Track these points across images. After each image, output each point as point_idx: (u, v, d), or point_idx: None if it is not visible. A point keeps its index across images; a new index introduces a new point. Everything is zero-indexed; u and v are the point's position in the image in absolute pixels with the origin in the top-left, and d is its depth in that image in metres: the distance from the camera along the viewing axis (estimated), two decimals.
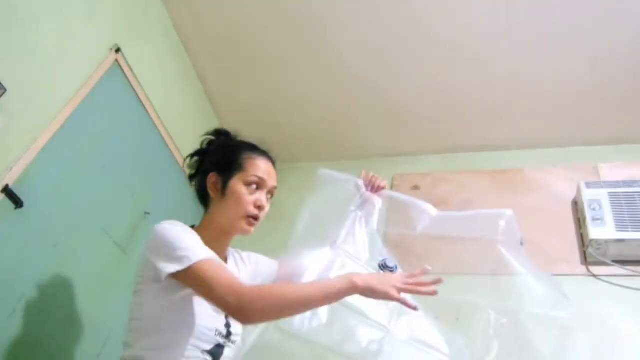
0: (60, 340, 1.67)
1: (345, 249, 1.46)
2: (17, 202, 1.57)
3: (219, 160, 1.37)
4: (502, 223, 1.37)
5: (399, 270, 1.42)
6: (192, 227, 1.34)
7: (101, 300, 1.82)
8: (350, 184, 1.56)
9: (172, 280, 1.18)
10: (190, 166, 1.44)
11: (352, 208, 1.54)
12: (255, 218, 1.33)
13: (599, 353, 1.78)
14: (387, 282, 1.17)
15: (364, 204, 1.55)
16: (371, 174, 1.59)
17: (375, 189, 1.56)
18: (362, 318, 1.34)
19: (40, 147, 1.67)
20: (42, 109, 1.71)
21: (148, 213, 2.09)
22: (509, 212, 1.39)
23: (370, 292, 1.16)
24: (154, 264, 1.18)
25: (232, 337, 1.30)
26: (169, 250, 1.18)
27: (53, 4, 1.78)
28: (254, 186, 1.33)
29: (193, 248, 1.18)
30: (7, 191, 1.54)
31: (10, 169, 1.57)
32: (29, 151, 1.63)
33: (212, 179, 1.35)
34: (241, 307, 1.10)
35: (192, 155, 1.44)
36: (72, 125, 1.79)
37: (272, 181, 1.37)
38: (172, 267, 1.15)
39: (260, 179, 1.33)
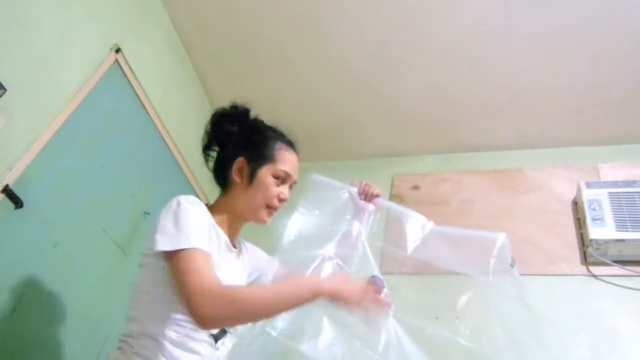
0: (60, 340, 1.66)
1: (337, 257, 1.45)
2: (17, 202, 1.57)
3: (249, 146, 1.35)
4: (497, 246, 1.35)
5: (385, 290, 1.41)
6: (207, 204, 1.31)
7: (101, 300, 1.82)
8: (344, 192, 1.54)
9: (161, 258, 1.14)
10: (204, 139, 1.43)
11: (348, 217, 1.52)
12: (275, 209, 1.34)
13: (599, 353, 1.79)
14: (354, 294, 1.21)
15: (357, 212, 1.54)
16: (364, 182, 1.56)
17: (369, 197, 1.54)
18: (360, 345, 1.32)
19: (40, 147, 1.67)
20: (42, 109, 1.71)
21: (148, 213, 2.08)
22: (503, 235, 1.37)
23: (335, 299, 1.18)
24: (153, 234, 1.15)
25: None
26: (170, 226, 1.14)
27: (53, 4, 1.78)
28: (280, 179, 1.34)
29: (193, 234, 1.14)
30: (7, 191, 1.54)
31: (10, 169, 1.57)
32: (29, 151, 1.63)
33: (239, 164, 1.33)
34: (205, 310, 1.05)
35: (210, 132, 1.43)
36: (72, 125, 1.79)
37: (296, 176, 1.38)
38: (164, 245, 1.11)
39: (287, 174, 1.34)
